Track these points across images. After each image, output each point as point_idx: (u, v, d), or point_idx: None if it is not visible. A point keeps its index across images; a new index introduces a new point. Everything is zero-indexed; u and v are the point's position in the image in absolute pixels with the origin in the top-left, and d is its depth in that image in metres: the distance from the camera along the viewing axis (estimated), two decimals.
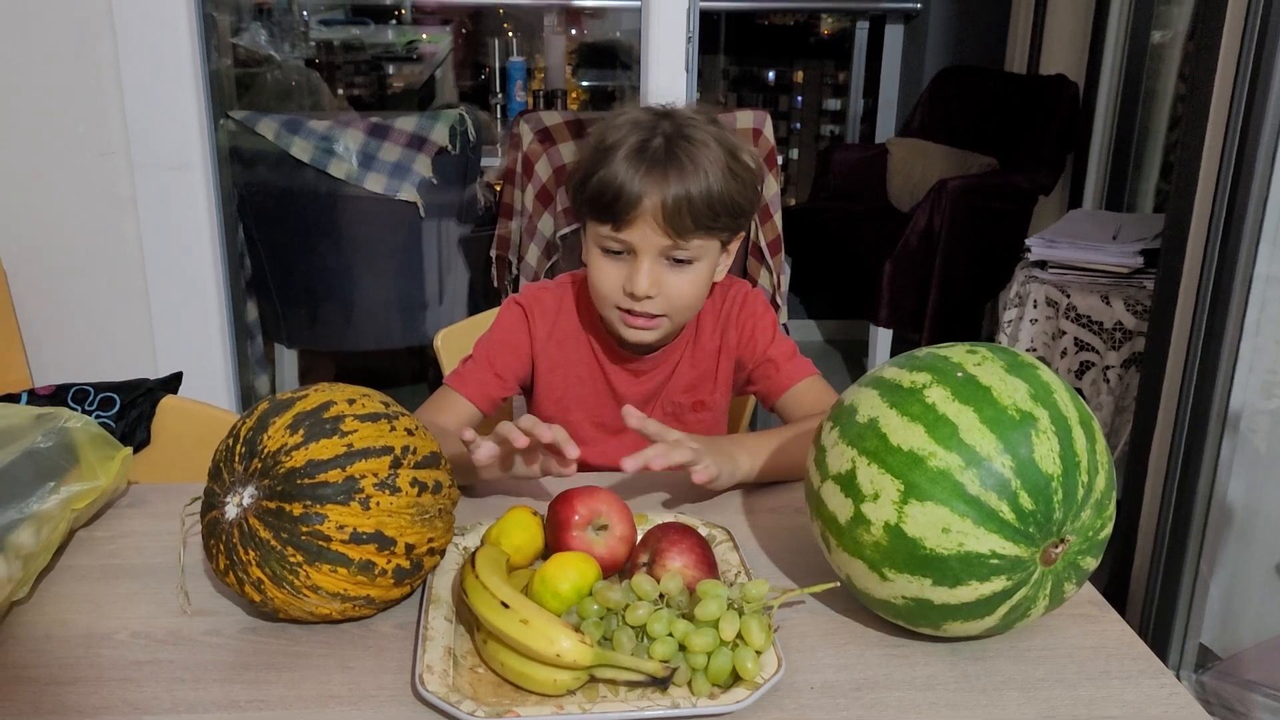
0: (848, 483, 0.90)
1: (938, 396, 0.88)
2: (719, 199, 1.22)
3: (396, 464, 0.94)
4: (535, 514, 1.07)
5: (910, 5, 4.03)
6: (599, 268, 1.27)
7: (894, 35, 4.12)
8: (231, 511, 0.92)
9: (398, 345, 2.90)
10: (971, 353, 0.92)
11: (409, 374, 3.31)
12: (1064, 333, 2.50)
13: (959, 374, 0.89)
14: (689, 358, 1.39)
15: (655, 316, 1.27)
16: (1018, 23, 3.72)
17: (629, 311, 1.27)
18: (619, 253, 1.25)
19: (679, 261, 1.25)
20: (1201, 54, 1.97)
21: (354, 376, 3.38)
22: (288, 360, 2.94)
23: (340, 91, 3.73)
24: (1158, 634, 2.10)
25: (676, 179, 1.20)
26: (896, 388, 0.91)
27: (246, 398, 2.40)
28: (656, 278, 1.24)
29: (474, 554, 0.96)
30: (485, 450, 1.10)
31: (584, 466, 1.38)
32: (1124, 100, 3.38)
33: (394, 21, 4.00)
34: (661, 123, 1.25)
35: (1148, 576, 2.14)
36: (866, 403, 0.92)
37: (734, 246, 1.32)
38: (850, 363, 3.99)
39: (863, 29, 4.16)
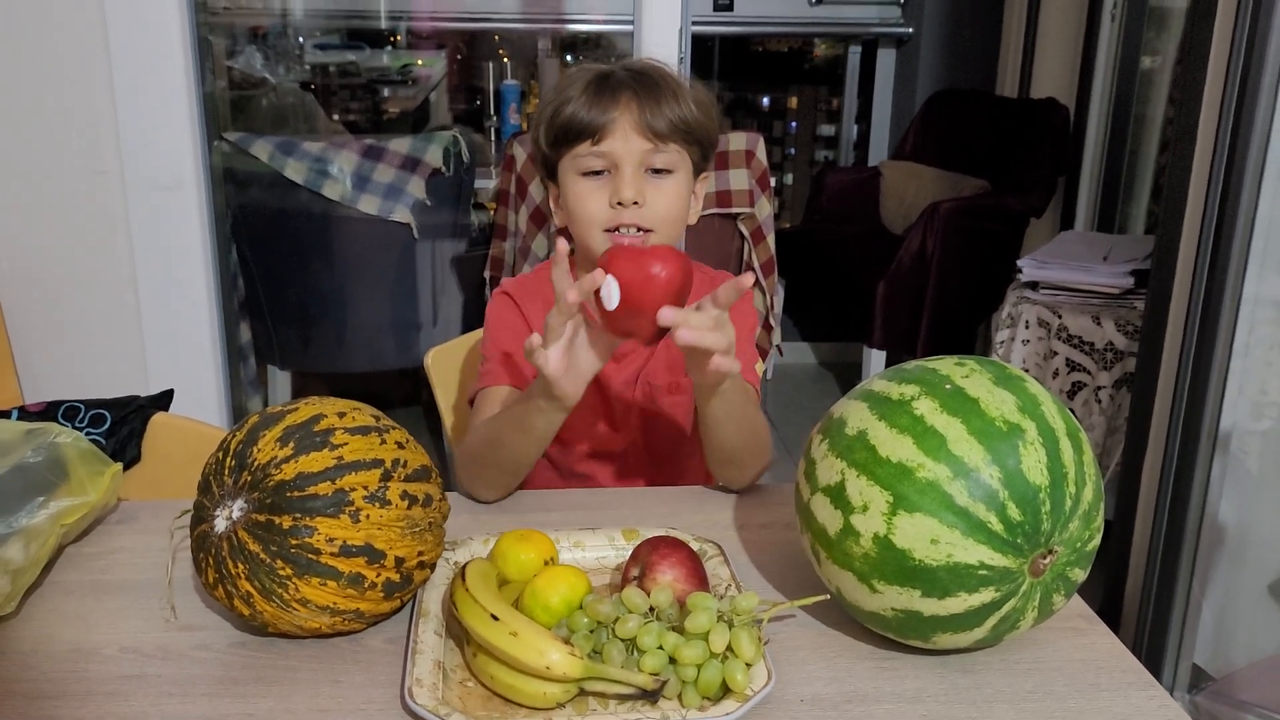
0: (837, 495, 0.90)
1: (926, 408, 0.88)
2: (688, 110, 1.27)
3: (387, 477, 0.94)
4: (535, 532, 1.06)
5: (902, 30, 4.06)
6: (581, 194, 1.28)
7: (886, 59, 4.15)
8: (221, 525, 0.92)
9: (391, 367, 2.90)
10: (960, 365, 0.92)
11: (402, 396, 3.31)
12: (1056, 353, 2.51)
13: (947, 386, 0.90)
14: (667, 339, 1.37)
15: (642, 232, 1.27)
16: (1008, 47, 3.76)
17: (616, 231, 1.27)
18: (599, 173, 1.27)
19: (658, 172, 1.27)
20: (1189, 78, 1.99)
21: (347, 398, 3.39)
22: (280, 382, 2.93)
23: (335, 114, 3.75)
24: (1151, 654, 2.09)
25: (649, 89, 1.26)
26: (885, 400, 0.92)
27: (239, 418, 2.39)
28: (640, 186, 1.26)
29: (464, 567, 0.96)
30: (555, 358, 1.07)
31: (571, 452, 1.38)
32: (1114, 123, 3.40)
33: (389, 46, 4.02)
34: (616, 64, 1.31)
35: (1140, 597, 2.14)
36: (856, 415, 0.92)
37: (701, 190, 1.35)
38: (844, 385, 3.99)
39: (855, 53, 4.19)
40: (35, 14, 1.94)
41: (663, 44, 1.89)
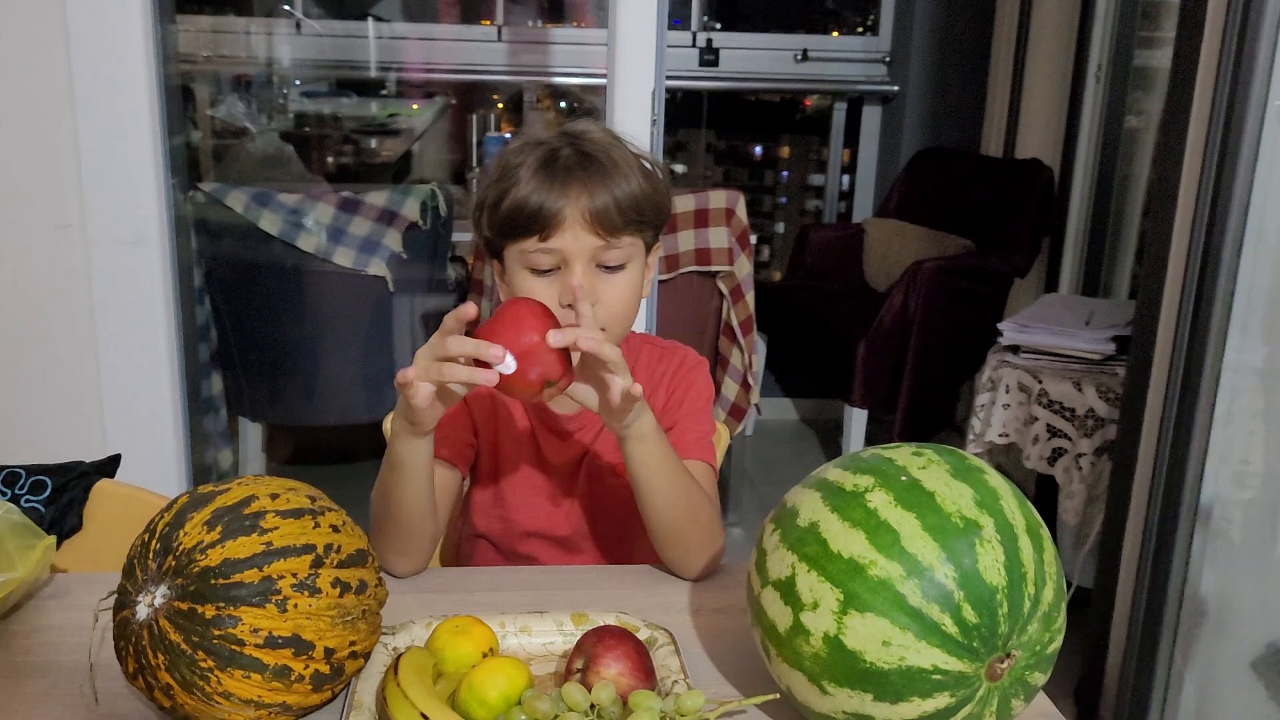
0: (787, 590, 0.86)
1: (880, 501, 0.85)
2: (641, 194, 1.20)
3: (318, 563, 0.90)
4: (474, 623, 1.01)
5: (888, 88, 4.07)
6: (530, 291, 1.20)
7: (871, 116, 4.16)
8: (143, 612, 0.88)
9: (363, 421, 2.85)
10: (917, 455, 0.89)
11: (373, 449, 3.26)
12: (1036, 419, 2.48)
13: (903, 478, 0.86)
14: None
15: None
16: (994, 106, 3.76)
17: None
18: (547, 271, 1.20)
19: (610, 269, 1.21)
20: (1168, 144, 1.98)
21: (317, 451, 3.35)
22: (251, 434, 2.89)
23: (316, 164, 3.73)
24: None
25: (599, 177, 1.18)
26: (839, 490, 0.88)
27: (204, 474, 2.35)
28: (592, 285, 1.19)
29: (398, 658, 0.91)
30: (424, 392, 1.05)
31: (513, 531, 1.34)
32: (1099, 184, 3.40)
33: (380, 93, 4.03)
34: (563, 138, 1.23)
35: (1121, 669, 2.10)
36: (808, 505, 0.89)
37: (654, 259, 1.29)
38: (825, 442, 3.95)
39: (840, 110, 4.19)
40: None
41: (635, 103, 1.87)
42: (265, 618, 0.86)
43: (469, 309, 1.04)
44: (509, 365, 1.03)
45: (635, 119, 1.86)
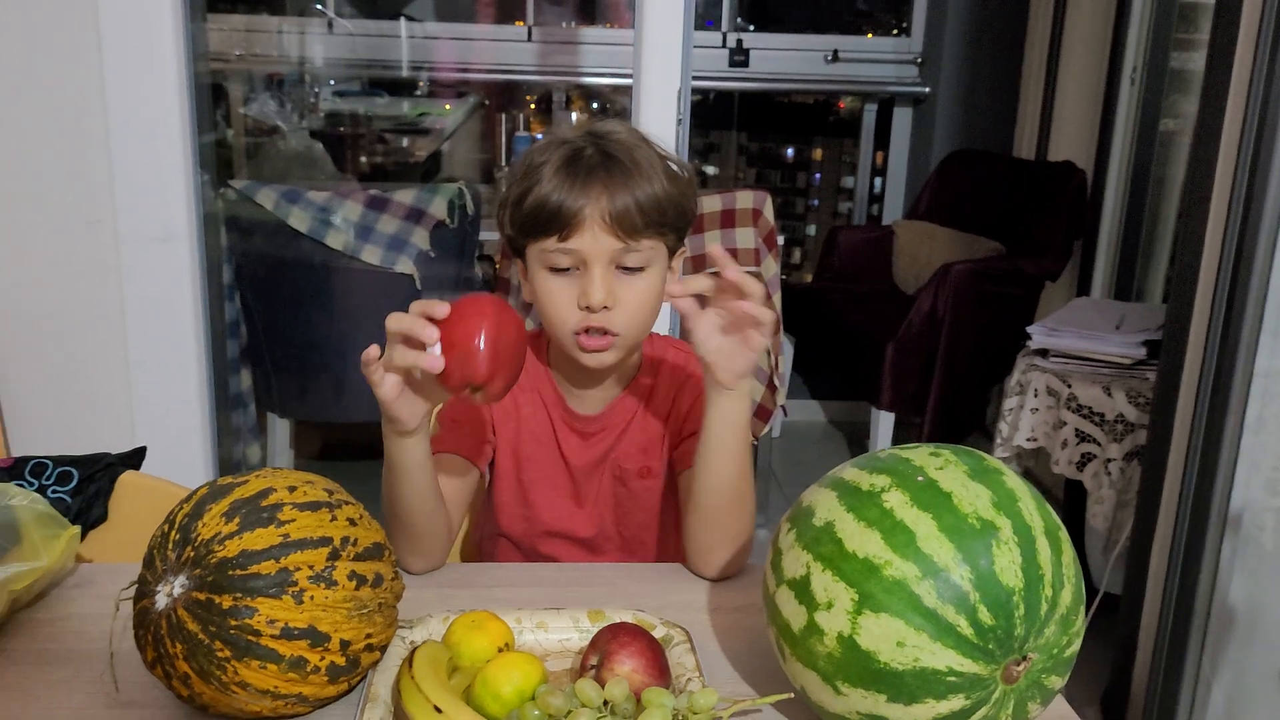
0: (801, 589, 0.85)
1: (896, 501, 0.84)
2: (664, 197, 1.19)
3: (335, 556, 0.90)
4: (490, 618, 1.01)
5: (919, 89, 4.05)
6: (548, 291, 1.20)
7: (902, 118, 4.14)
8: (161, 602, 0.89)
9: None
10: (934, 455, 0.88)
11: None
12: (1065, 423, 2.45)
13: (919, 478, 0.85)
14: (639, 421, 1.32)
15: (609, 335, 1.20)
16: (1026, 108, 3.73)
17: (586, 334, 1.20)
18: (567, 270, 1.20)
19: (630, 270, 1.20)
20: (1201, 148, 1.95)
21: (345, 447, 3.37)
22: (280, 429, 2.91)
23: (347, 163, 3.76)
24: None
25: (620, 179, 1.17)
26: (855, 490, 0.87)
27: (231, 468, 2.36)
28: (610, 287, 1.18)
29: (413, 652, 0.92)
30: (389, 383, 1.06)
31: (534, 530, 1.34)
32: (1133, 187, 3.36)
33: (415, 93, 4.05)
34: (589, 138, 1.22)
35: (1149, 676, 2.07)
36: (824, 505, 0.88)
37: (677, 264, 1.28)
38: (853, 444, 3.94)
39: (871, 111, 4.17)
40: (33, 64, 1.95)
41: (661, 103, 1.87)
42: (281, 609, 0.87)
43: (438, 308, 1.04)
44: (435, 357, 1.02)
45: (661, 118, 1.87)
